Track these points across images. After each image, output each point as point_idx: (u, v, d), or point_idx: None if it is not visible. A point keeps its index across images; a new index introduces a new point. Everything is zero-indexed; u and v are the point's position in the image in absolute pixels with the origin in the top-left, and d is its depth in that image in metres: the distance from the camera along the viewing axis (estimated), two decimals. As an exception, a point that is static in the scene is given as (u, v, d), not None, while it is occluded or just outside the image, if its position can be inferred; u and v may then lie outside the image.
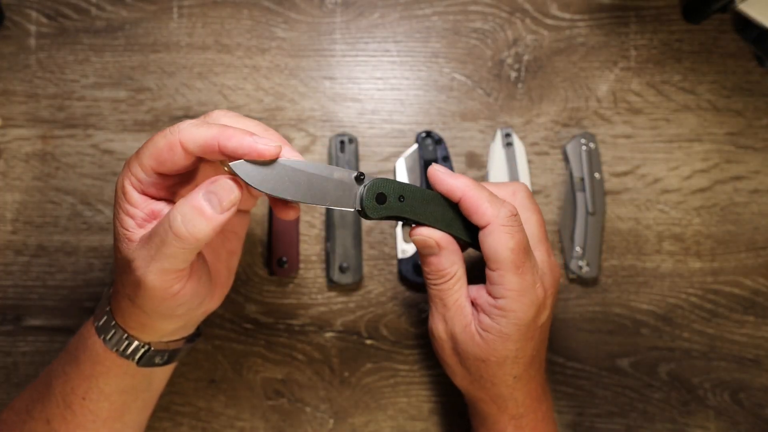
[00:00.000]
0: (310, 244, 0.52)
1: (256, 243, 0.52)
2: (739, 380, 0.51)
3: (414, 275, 0.50)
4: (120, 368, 0.38)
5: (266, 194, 0.33)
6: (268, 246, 0.51)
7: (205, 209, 0.31)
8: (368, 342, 0.51)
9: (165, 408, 0.50)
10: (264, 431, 0.50)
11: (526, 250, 0.36)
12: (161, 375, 0.42)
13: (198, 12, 0.54)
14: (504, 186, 0.41)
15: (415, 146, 0.52)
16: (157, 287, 0.33)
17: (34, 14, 0.54)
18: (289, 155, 0.33)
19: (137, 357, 0.38)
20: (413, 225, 0.38)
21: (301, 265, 0.52)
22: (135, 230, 0.34)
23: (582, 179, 0.52)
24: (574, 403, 0.51)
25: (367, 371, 0.51)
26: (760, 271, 0.53)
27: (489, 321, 0.37)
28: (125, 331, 0.38)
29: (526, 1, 0.55)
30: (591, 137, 0.53)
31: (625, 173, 0.53)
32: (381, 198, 0.35)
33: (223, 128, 0.32)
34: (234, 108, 0.53)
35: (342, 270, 0.50)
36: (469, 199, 0.36)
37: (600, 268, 0.52)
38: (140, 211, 0.34)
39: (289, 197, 0.33)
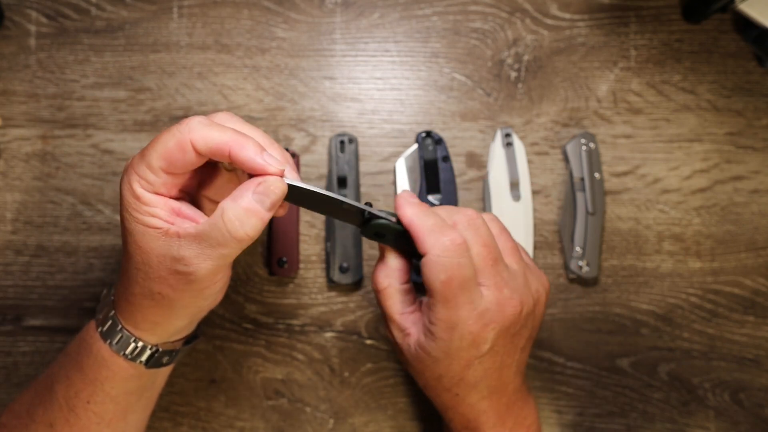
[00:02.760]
0: (310, 244, 0.52)
1: (256, 243, 0.52)
2: (739, 380, 0.51)
3: (413, 275, 0.50)
4: (126, 371, 0.38)
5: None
6: (268, 246, 0.51)
7: (258, 210, 0.33)
8: (368, 342, 0.51)
9: (165, 408, 0.50)
10: (264, 431, 0.50)
11: (462, 284, 0.35)
12: (164, 372, 0.42)
13: (198, 12, 0.54)
14: (450, 213, 0.38)
15: (415, 146, 0.52)
16: (206, 279, 0.34)
17: (34, 14, 0.54)
18: (289, 176, 0.35)
19: (145, 359, 0.38)
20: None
21: (301, 265, 0.52)
22: (167, 226, 0.34)
23: (582, 179, 0.52)
24: (574, 403, 0.51)
25: (367, 371, 0.51)
26: (760, 271, 0.53)
27: (423, 339, 0.37)
28: (132, 334, 0.37)
29: (526, 1, 0.55)
30: (591, 137, 0.53)
31: (625, 173, 0.53)
32: (379, 235, 0.38)
33: (236, 135, 0.33)
34: (234, 108, 0.53)
35: (342, 270, 0.50)
36: (412, 228, 0.36)
37: (600, 268, 0.52)
38: (160, 210, 0.34)
39: (301, 206, 0.36)
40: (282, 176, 0.34)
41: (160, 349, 0.38)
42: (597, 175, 0.52)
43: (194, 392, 0.51)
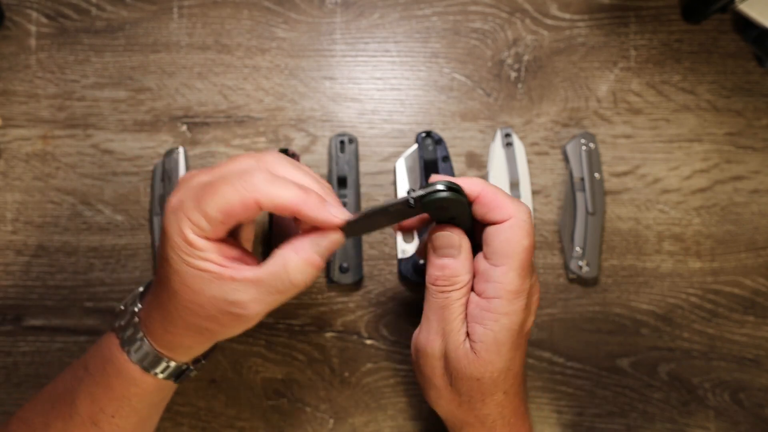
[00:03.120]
0: (310, 244, 0.52)
1: (256, 243, 0.52)
2: (739, 380, 0.51)
3: (414, 275, 0.50)
4: (155, 386, 0.39)
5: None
6: (268, 246, 0.51)
7: (318, 262, 0.34)
8: (368, 342, 0.51)
9: (165, 408, 0.50)
10: (264, 431, 0.50)
11: (533, 254, 0.36)
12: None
13: (198, 12, 0.54)
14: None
15: (415, 146, 0.52)
16: (257, 318, 0.35)
17: (34, 14, 0.54)
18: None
19: (176, 376, 0.39)
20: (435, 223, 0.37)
21: (301, 265, 0.52)
22: (219, 270, 0.34)
23: (582, 179, 0.52)
24: (574, 403, 0.51)
25: (367, 371, 0.51)
26: (760, 271, 0.53)
27: (482, 330, 0.35)
28: (164, 356, 0.38)
29: (526, 1, 0.55)
30: (591, 137, 0.53)
31: (625, 173, 0.53)
32: (442, 209, 0.36)
33: (300, 193, 0.33)
34: (234, 108, 0.53)
35: (342, 270, 0.50)
36: (488, 194, 0.35)
37: (600, 268, 0.52)
38: (213, 254, 0.34)
39: (363, 233, 0.36)
40: (342, 228, 0.35)
41: (190, 367, 0.39)
42: (597, 175, 0.52)
43: (194, 392, 0.51)
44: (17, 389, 0.50)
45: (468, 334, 0.36)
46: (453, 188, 0.35)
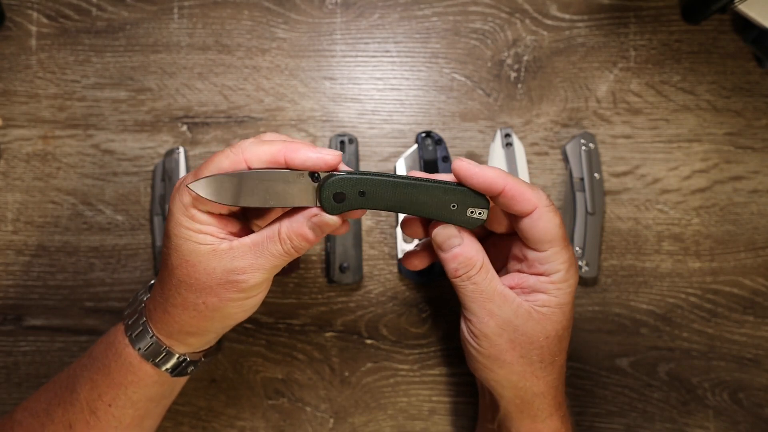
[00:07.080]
0: (311, 244, 0.52)
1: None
2: (738, 380, 0.52)
3: (414, 275, 0.51)
4: (152, 378, 0.39)
5: (230, 205, 0.35)
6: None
7: (308, 235, 0.36)
8: (368, 342, 0.51)
9: (165, 408, 0.50)
10: (264, 431, 0.50)
11: (564, 225, 0.39)
12: (181, 383, 0.43)
13: (198, 12, 0.54)
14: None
15: (415, 146, 0.52)
16: (256, 287, 0.36)
17: (35, 15, 0.54)
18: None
19: (172, 367, 0.39)
20: (432, 224, 0.39)
21: (301, 265, 0.52)
22: (218, 242, 0.35)
23: (581, 179, 0.52)
24: (574, 403, 0.51)
25: (367, 371, 0.51)
26: (759, 271, 0.53)
27: (546, 297, 0.38)
28: (162, 343, 0.38)
29: (526, 1, 0.55)
30: (590, 137, 0.53)
31: (624, 173, 0.53)
32: (339, 197, 0.35)
33: (286, 143, 0.35)
34: (234, 109, 0.53)
35: (342, 270, 0.50)
36: (512, 189, 0.36)
37: (599, 268, 0.52)
38: (213, 227, 0.36)
39: (253, 205, 0.35)
40: (340, 160, 0.35)
41: (188, 359, 0.39)
42: (596, 175, 0.52)
43: (194, 392, 0.51)
44: (18, 389, 0.50)
45: (527, 299, 0.38)
46: (483, 204, 0.37)
